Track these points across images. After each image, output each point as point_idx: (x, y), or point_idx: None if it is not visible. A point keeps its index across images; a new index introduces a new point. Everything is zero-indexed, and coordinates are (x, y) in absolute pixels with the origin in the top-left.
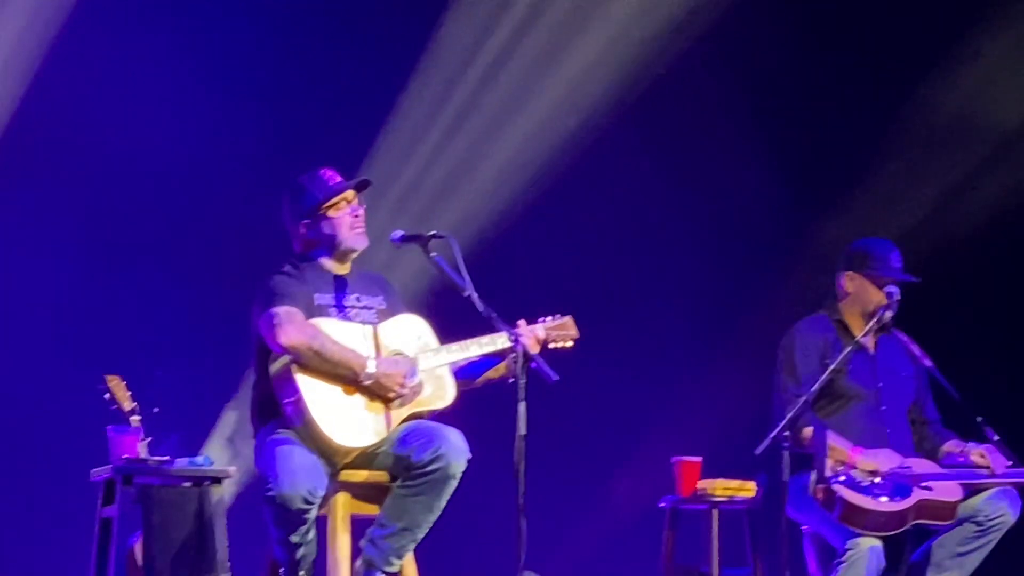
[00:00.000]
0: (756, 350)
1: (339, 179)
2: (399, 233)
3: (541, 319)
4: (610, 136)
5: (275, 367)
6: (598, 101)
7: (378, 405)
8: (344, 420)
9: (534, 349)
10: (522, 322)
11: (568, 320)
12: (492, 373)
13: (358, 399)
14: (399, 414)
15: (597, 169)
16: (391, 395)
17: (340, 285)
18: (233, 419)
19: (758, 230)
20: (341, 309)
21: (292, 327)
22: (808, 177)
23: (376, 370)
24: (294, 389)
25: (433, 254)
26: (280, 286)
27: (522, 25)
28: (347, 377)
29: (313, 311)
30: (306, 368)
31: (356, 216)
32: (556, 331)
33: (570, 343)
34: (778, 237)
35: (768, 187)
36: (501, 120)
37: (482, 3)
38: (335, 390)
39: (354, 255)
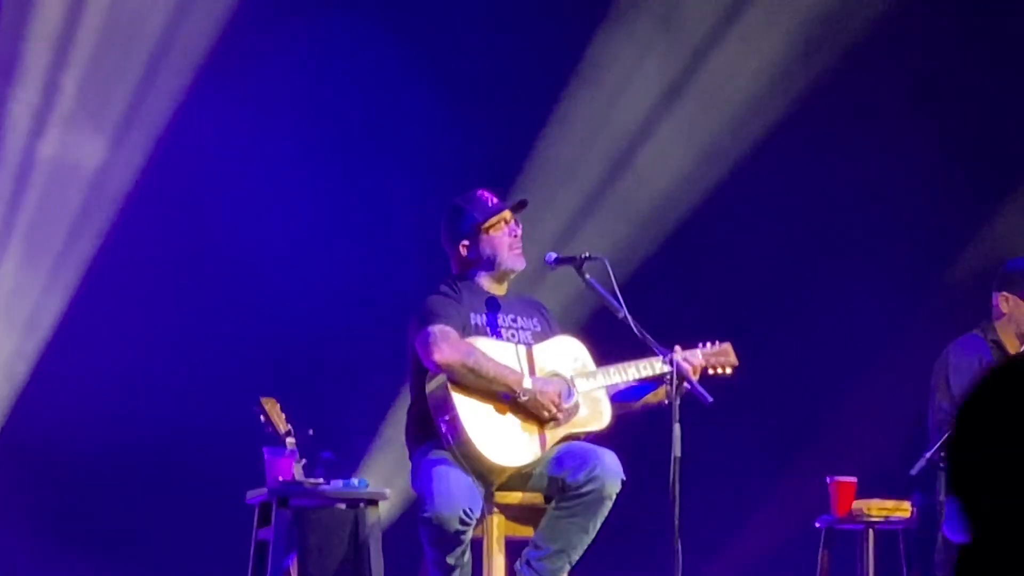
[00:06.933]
0: (910, 369)
1: (496, 200)
2: (553, 255)
3: (700, 344)
4: (767, 155)
5: (431, 386)
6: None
7: (533, 425)
8: (499, 439)
9: (692, 376)
10: (678, 348)
11: (727, 347)
12: (651, 397)
13: (513, 418)
14: (554, 435)
15: (750, 189)
16: (546, 414)
17: (496, 305)
18: (388, 440)
19: (914, 247)
20: (496, 329)
21: (447, 345)
22: (956, 196)
23: (532, 387)
24: (449, 407)
25: (587, 276)
26: (436, 306)
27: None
28: (502, 395)
29: (469, 330)
30: (461, 386)
31: (515, 236)
32: (715, 357)
33: (729, 370)
34: (933, 255)
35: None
36: (664, 143)
37: (640, 21)
38: (490, 409)
39: (512, 276)
